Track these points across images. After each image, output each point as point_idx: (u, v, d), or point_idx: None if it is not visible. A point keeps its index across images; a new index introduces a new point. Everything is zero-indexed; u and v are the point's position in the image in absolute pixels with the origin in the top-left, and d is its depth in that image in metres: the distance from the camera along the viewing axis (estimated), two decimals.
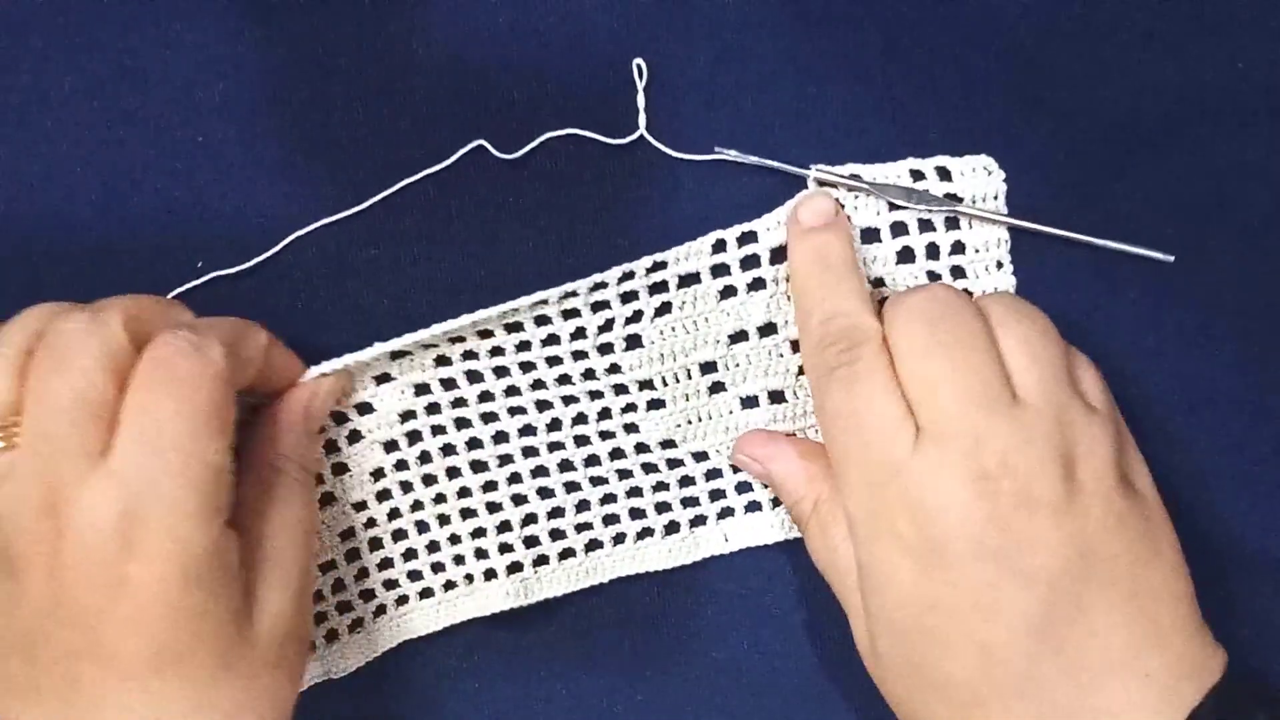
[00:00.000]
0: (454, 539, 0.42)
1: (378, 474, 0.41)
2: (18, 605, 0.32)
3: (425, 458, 0.41)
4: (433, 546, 0.42)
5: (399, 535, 0.42)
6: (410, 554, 0.42)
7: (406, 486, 0.41)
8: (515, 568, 0.42)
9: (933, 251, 0.39)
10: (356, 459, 0.41)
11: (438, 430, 0.41)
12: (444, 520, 0.42)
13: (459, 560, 0.42)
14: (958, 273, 0.39)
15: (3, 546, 0.32)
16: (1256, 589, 0.40)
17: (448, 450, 0.41)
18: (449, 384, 0.40)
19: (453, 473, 0.41)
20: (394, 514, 0.42)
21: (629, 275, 0.39)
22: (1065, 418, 0.34)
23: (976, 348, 0.34)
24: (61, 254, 0.40)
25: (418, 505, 0.42)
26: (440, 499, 0.42)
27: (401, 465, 0.41)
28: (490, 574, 0.42)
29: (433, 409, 0.40)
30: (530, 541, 0.42)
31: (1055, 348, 0.35)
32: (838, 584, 0.37)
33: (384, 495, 0.41)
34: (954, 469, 0.33)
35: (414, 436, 0.40)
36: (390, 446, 0.41)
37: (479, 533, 0.42)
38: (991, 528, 0.32)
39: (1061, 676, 0.32)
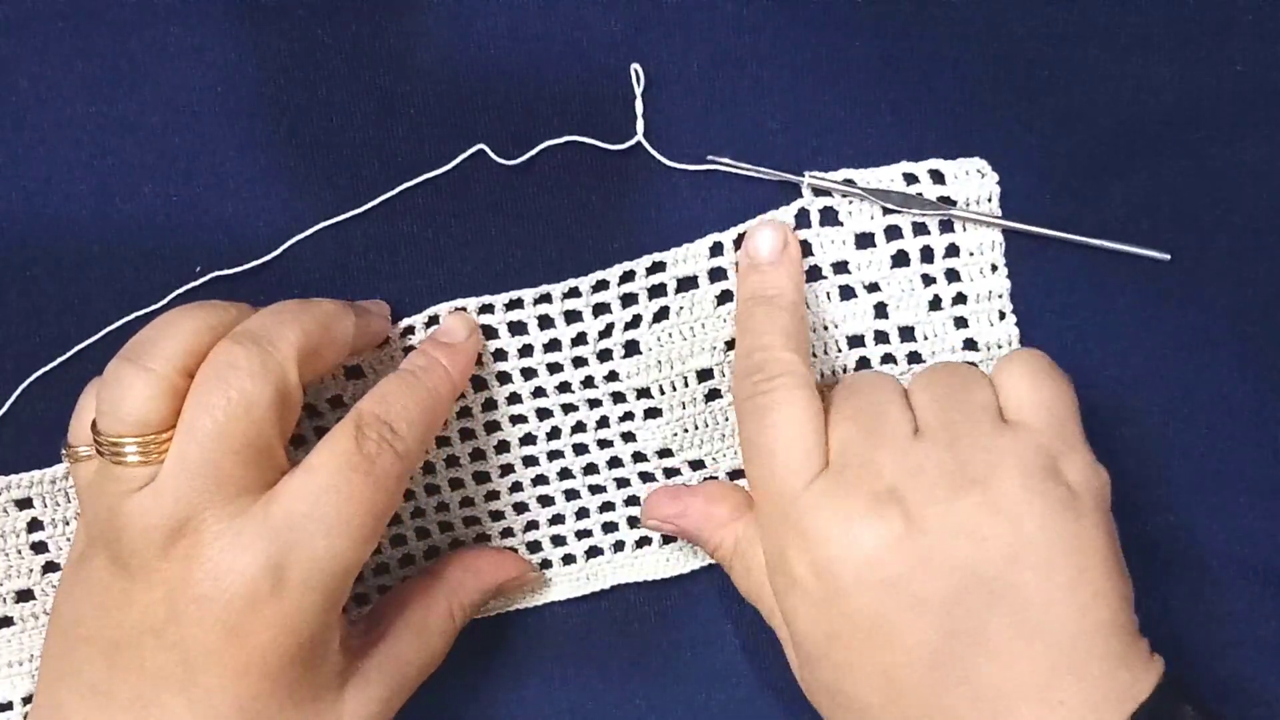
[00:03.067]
0: (456, 544, 0.42)
1: None
2: (124, 610, 0.32)
3: (429, 468, 0.41)
4: (432, 552, 0.42)
5: (398, 541, 0.42)
6: (408, 560, 0.42)
7: (408, 494, 0.41)
8: None
9: (927, 255, 0.39)
10: None
11: (441, 441, 0.41)
12: (446, 527, 0.42)
13: None
14: (952, 276, 0.39)
15: (129, 551, 0.32)
16: (1255, 592, 0.40)
17: (451, 462, 0.41)
18: None
19: (456, 483, 0.41)
20: (394, 521, 0.42)
21: (629, 275, 0.39)
22: (964, 440, 0.33)
23: (881, 390, 0.35)
24: (59, 258, 0.40)
25: (419, 512, 0.42)
26: (443, 507, 0.42)
27: None
28: None
29: None
30: (533, 547, 0.42)
31: (958, 377, 0.35)
32: (766, 615, 0.37)
33: None
34: (841, 499, 0.33)
35: None
36: None
37: (482, 538, 0.42)
38: (879, 556, 0.32)
39: (969, 704, 0.32)
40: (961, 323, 0.40)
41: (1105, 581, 0.32)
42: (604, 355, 0.40)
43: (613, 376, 0.40)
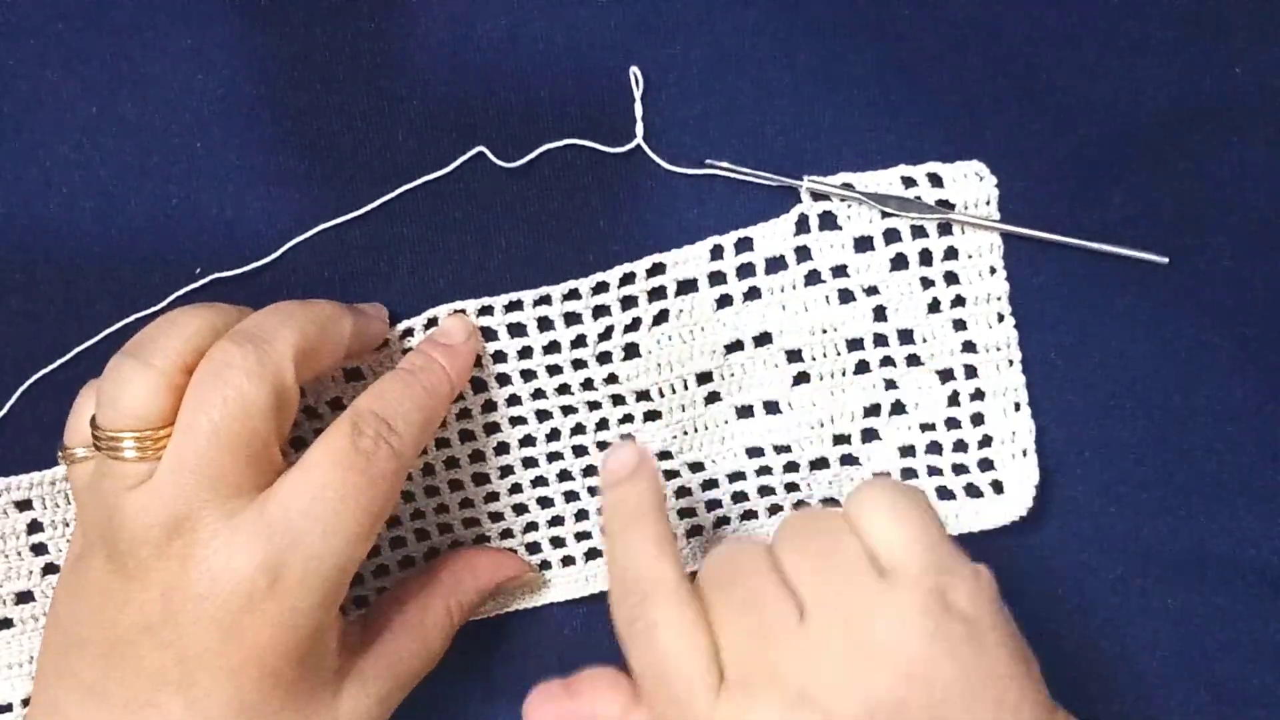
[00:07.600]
0: (455, 545, 0.42)
1: None
2: (121, 610, 0.32)
3: (428, 470, 0.41)
4: (431, 554, 0.42)
5: (398, 543, 0.42)
6: (408, 562, 0.43)
7: (408, 496, 0.41)
8: None
9: (926, 258, 0.39)
10: None
11: (441, 443, 0.41)
12: (445, 529, 0.42)
13: None
14: (951, 279, 0.39)
15: (126, 548, 0.32)
16: (1255, 592, 0.40)
17: (451, 463, 0.41)
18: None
19: (455, 485, 0.41)
20: (394, 522, 0.42)
21: (630, 277, 0.39)
22: (853, 611, 0.32)
23: (750, 573, 0.33)
24: (59, 260, 0.40)
25: (418, 514, 0.42)
26: (442, 509, 0.42)
27: None
28: None
29: None
30: (532, 548, 0.42)
31: (822, 533, 0.33)
32: None
33: None
34: (754, 717, 0.31)
35: None
36: None
37: (481, 540, 0.42)
38: None
39: None
40: (960, 325, 0.40)
41: (1019, 688, 0.32)
42: (603, 357, 0.40)
43: (612, 379, 0.40)
